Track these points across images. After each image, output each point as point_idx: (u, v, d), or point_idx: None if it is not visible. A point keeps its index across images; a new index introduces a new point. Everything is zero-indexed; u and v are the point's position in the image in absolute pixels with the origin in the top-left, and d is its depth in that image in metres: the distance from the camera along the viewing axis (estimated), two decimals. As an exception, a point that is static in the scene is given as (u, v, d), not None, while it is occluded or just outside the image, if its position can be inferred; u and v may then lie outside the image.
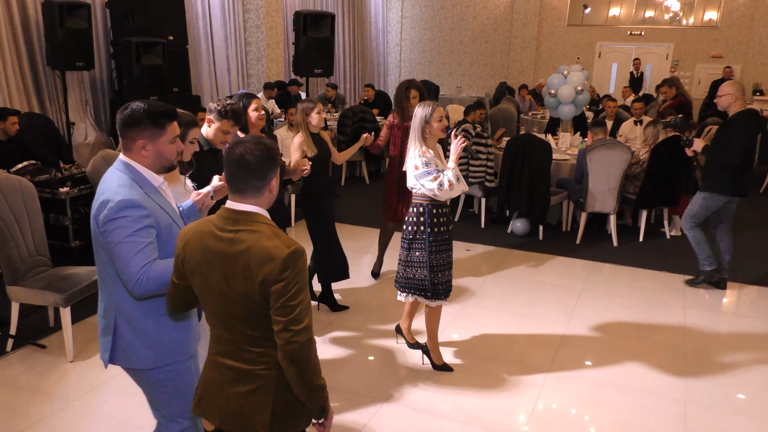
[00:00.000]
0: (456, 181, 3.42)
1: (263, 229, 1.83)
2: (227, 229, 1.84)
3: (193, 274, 1.91)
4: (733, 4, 12.90)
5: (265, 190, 1.87)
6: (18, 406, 3.39)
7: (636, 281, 5.35)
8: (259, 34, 10.13)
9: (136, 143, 2.13)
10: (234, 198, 1.87)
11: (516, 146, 6.32)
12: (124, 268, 2.03)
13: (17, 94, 6.80)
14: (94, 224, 2.10)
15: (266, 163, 1.84)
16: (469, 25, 15.30)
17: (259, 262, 1.76)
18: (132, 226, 2.03)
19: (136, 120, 2.11)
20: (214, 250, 1.85)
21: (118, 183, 2.09)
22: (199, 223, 1.95)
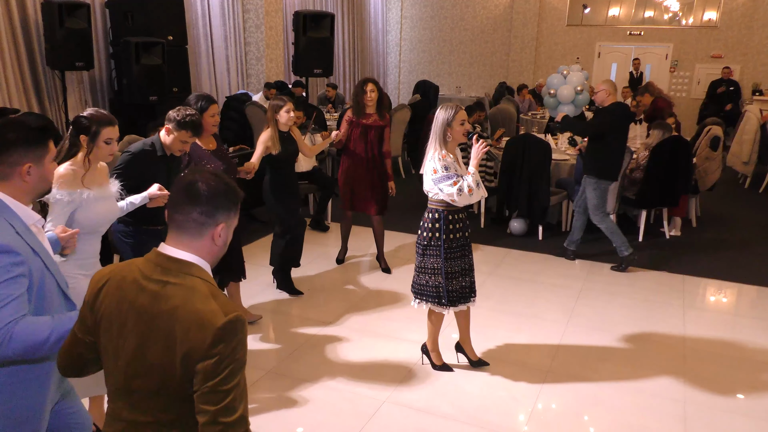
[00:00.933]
0: (476, 186, 3.36)
1: (199, 285, 1.48)
2: (154, 279, 1.49)
3: (101, 329, 1.55)
4: (733, 5, 12.90)
5: (208, 232, 1.52)
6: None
7: (635, 281, 5.35)
8: (259, 34, 10.13)
9: (21, 168, 1.80)
10: (170, 240, 1.54)
11: (515, 146, 6.32)
12: None
13: (17, 94, 6.80)
14: None
15: (219, 200, 1.51)
16: (469, 25, 15.31)
17: (186, 328, 1.42)
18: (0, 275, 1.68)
19: (15, 140, 1.79)
20: (132, 303, 1.50)
21: None
22: (123, 265, 1.59)
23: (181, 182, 1.54)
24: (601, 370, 3.88)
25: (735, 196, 8.58)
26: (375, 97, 5.00)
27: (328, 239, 6.37)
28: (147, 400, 1.49)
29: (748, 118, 9.01)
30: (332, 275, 5.39)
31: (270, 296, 4.83)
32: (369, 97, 4.98)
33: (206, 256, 1.54)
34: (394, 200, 7.69)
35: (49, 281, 1.84)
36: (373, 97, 4.99)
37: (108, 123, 2.67)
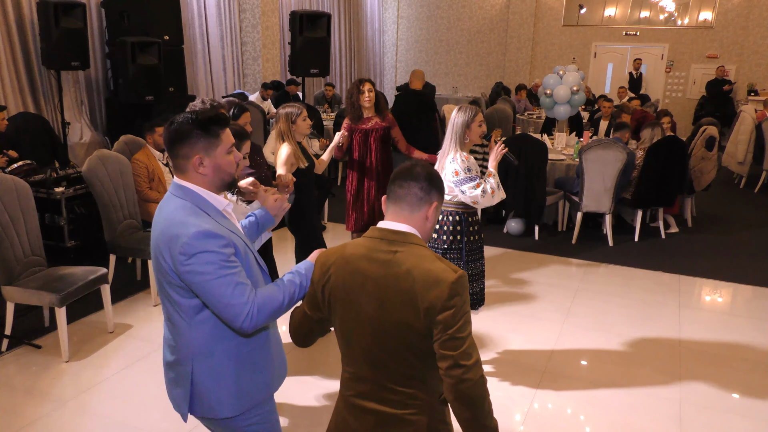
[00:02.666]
0: (497, 187, 3.35)
1: (423, 251, 1.64)
2: (383, 249, 1.65)
3: (337, 302, 1.70)
4: (728, 5, 12.94)
5: (424, 207, 1.70)
6: (13, 407, 3.37)
7: (631, 281, 5.36)
8: (255, 34, 10.12)
9: (192, 161, 1.83)
10: (390, 215, 1.71)
11: (512, 146, 6.32)
12: (226, 306, 1.75)
13: (12, 94, 6.78)
14: (167, 264, 1.80)
15: (435, 181, 1.70)
16: (465, 26, 15.32)
17: (425, 285, 1.56)
18: (219, 258, 1.75)
19: (186, 132, 1.82)
20: (367, 273, 1.64)
21: (183, 212, 1.81)
22: (342, 246, 1.75)
23: (401, 167, 1.74)
24: (597, 369, 3.89)
25: (730, 196, 8.61)
26: (373, 97, 4.63)
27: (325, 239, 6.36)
28: (389, 357, 1.63)
29: (743, 118, 9.04)
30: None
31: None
32: (367, 98, 4.61)
33: (420, 231, 1.70)
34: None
35: (251, 258, 1.95)
36: (371, 98, 4.62)
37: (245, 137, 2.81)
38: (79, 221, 5.13)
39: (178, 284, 1.81)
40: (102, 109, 8.03)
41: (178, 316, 1.88)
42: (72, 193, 5.07)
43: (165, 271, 1.81)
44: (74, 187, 5.12)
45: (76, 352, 3.95)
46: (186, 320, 1.87)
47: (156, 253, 1.84)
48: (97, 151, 4.92)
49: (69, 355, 3.86)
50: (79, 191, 5.11)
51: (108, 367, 3.80)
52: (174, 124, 1.83)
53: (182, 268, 1.75)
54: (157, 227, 1.85)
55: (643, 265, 5.69)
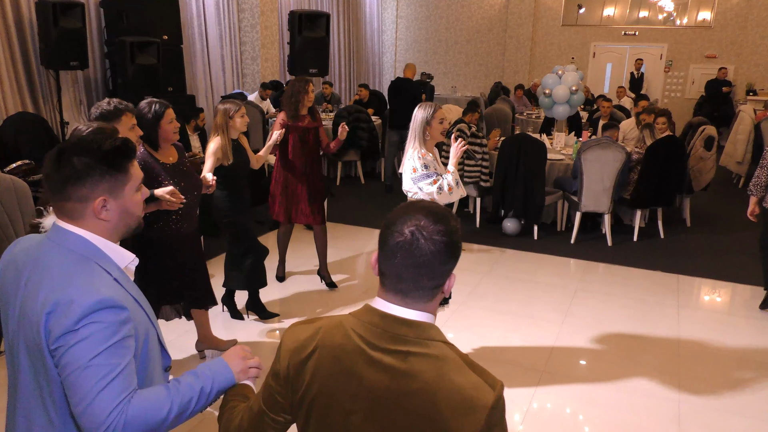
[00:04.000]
0: (455, 185, 3.36)
1: (447, 353, 1.20)
2: (388, 348, 1.20)
3: (314, 410, 1.26)
4: (727, 5, 12.95)
5: (439, 291, 1.25)
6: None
7: (630, 281, 5.37)
8: (254, 34, 10.12)
9: (92, 204, 1.43)
10: (388, 297, 1.24)
11: (511, 146, 6.33)
12: (87, 407, 1.28)
13: (11, 94, 6.77)
14: (38, 333, 1.35)
15: (448, 255, 1.21)
16: (464, 25, 15.32)
17: (453, 410, 1.14)
18: (104, 339, 1.31)
19: (85, 170, 1.41)
20: (363, 380, 1.21)
21: (75, 269, 1.39)
22: (327, 328, 1.28)
23: (394, 239, 1.21)
24: (596, 369, 3.89)
25: (729, 195, 8.61)
26: (312, 98, 4.66)
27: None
28: None
29: (741, 118, 9.05)
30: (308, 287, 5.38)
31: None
32: (310, 98, 4.60)
33: (435, 311, 1.27)
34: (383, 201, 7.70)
35: (153, 336, 1.52)
36: (311, 98, 4.63)
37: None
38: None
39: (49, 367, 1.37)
40: (101, 109, 8.02)
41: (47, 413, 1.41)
42: (71, 192, 5.06)
43: (37, 342, 1.36)
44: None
45: (75, 352, 3.94)
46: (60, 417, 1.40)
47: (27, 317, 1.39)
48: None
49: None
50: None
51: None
52: (63, 158, 1.40)
53: (54, 344, 1.32)
54: (32, 283, 1.40)
55: (642, 265, 5.70)
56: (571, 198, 6.39)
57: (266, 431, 1.37)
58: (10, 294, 1.46)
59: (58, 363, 1.32)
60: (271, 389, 1.34)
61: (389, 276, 1.23)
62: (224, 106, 3.89)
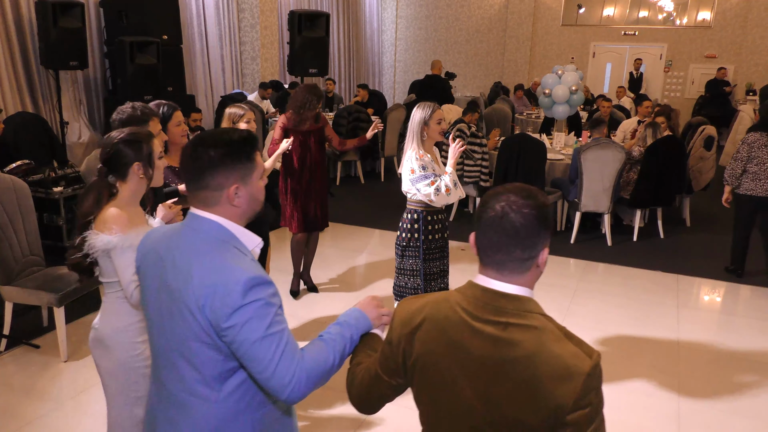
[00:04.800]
0: (453, 186, 3.34)
1: (546, 324, 1.29)
2: (489, 319, 1.31)
3: (426, 379, 1.39)
4: (727, 5, 12.95)
5: (533, 264, 1.33)
6: (11, 407, 3.37)
7: (630, 280, 5.37)
8: (254, 34, 10.12)
9: (227, 191, 1.53)
10: (488, 272, 1.35)
11: (510, 146, 6.33)
12: (272, 372, 1.44)
13: (10, 94, 6.77)
14: (201, 319, 1.46)
15: (537, 227, 1.30)
16: (464, 25, 15.32)
17: (552, 377, 1.23)
18: (267, 312, 1.45)
19: (221, 158, 1.52)
20: (470, 349, 1.31)
21: (220, 254, 1.50)
22: (434, 302, 1.41)
23: (486, 214, 1.32)
24: (595, 369, 3.89)
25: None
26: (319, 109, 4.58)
27: (324, 238, 6.37)
28: None
29: (741, 118, 9.06)
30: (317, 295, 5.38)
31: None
32: (315, 113, 4.53)
33: (532, 286, 1.35)
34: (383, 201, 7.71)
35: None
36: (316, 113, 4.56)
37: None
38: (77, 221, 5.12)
39: (214, 345, 1.48)
40: (100, 109, 8.02)
41: (198, 388, 1.53)
42: (70, 192, 5.07)
43: (194, 329, 1.48)
44: (73, 186, 5.12)
45: (74, 351, 3.94)
46: (210, 391, 1.53)
47: (179, 307, 1.50)
48: (96, 151, 4.93)
49: (67, 355, 3.85)
50: (77, 191, 5.10)
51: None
52: (199, 151, 1.52)
53: (225, 323, 1.43)
54: (180, 274, 1.50)
55: (642, 265, 5.70)
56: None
57: (384, 392, 1.52)
58: (152, 281, 1.59)
59: (234, 340, 1.44)
60: (385, 356, 1.48)
61: (485, 249, 1.34)
62: (229, 111, 3.75)
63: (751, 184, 5.15)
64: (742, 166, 5.16)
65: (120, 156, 2.17)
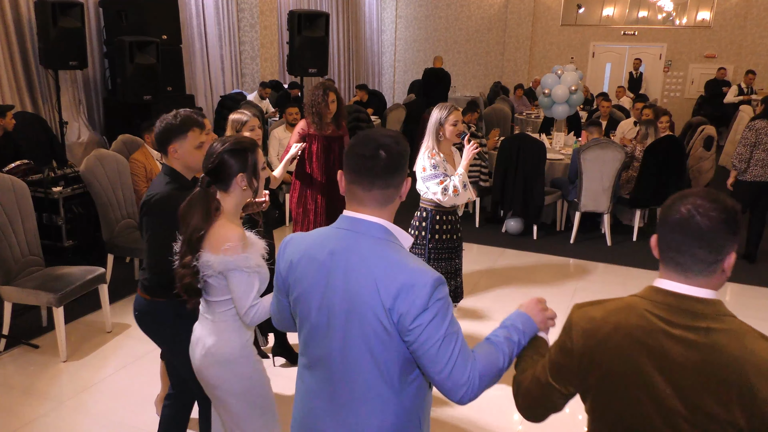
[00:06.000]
0: (462, 188, 3.34)
1: (741, 325, 1.30)
2: (688, 325, 1.29)
3: (616, 386, 1.37)
4: (726, 4, 12.95)
5: (719, 267, 1.32)
6: (11, 407, 3.37)
7: (630, 280, 5.37)
8: (254, 34, 10.11)
9: (401, 191, 1.59)
10: (672, 276, 1.34)
11: (510, 146, 6.33)
12: (449, 373, 1.46)
13: (10, 94, 6.77)
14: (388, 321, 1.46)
15: (724, 231, 1.30)
16: (464, 25, 15.32)
17: (760, 376, 1.23)
18: (448, 311, 1.48)
19: (402, 157, 1.55)
20: (672, 357, 1.29)
21: (397, 254, 1.51)
22: (611, 307, 1.41)
23: (671, 215, 1.34)
24: (595, 369, 3.89)
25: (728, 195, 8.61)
26: (335, 108, 4.33)
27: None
28: None
29: (741, 118, 9.06)
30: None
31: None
32: (331, 108, 4.30)
33: (717, 288, 1.35)
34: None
35: None
36: (333, 109, 4.31)
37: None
38: (76, 221, 5.12)
39: (396, 345, 1.49)
40: (100, 109, 8.02)
41: (381, 388, 1.52)
42: (70, 192, 5.06)
43: (377, 331, 1.48)
44: (72, 186, 5.11)
45: (73, 351, 3.94)
46: (392, 391, 1.53)
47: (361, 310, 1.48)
48: (95, 151, 4.92)
49: (67, 355, 3.85)
50: (77, 191, 5.10)
51: (106, 367, 3.80)
52: (393, 147, 1.53)
53: (412, 324, 1.44)
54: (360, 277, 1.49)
55: (642, 265, 5.70)
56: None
57: (554, 400, 1.52)
58: (314, 286, 1.56)
59: (416, 340, 1.45)
60: (559, 365, 1.47)
61: (668, 251, 1.33)
62: (233, 117, 3.48)
63: (759, 170, 5.38)
64: (750, 151, 5.34)
65: (225, 166, 2.07)
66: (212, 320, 2.14)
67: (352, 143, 1.57)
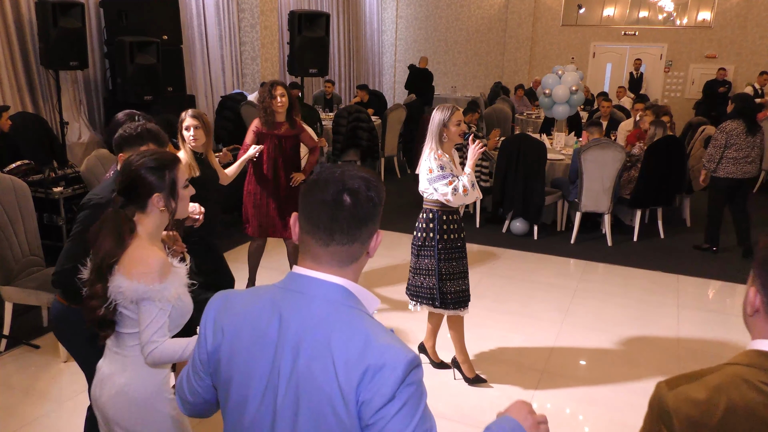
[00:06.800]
0: (470, 187, 3.35)
1: None
2: None
3: None
4: (727, 5, 12.95)
5: None
6: (11, 407, 3.37)
7: (630, 280, 5.36)
8: (254, 34, 10.11)
9: (370, 247, 1.29)
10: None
11: (510, 146, 6.33)
12: None
13: (10, 94, 6.77)
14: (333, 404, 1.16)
15: None
16: (464, 25, 15.31)
17: None
18: (419, 402, 1.18)
19: (376, 205, 1.27)
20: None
21: (359, 325, 1.20)
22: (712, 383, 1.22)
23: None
24: (596, 369, 3.89)
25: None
26: (286, 102, 4.30)
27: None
28: None
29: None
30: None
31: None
32: (279, 103, 4.27)
33: None
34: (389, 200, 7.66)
35: None
36: (284, 102, 4.29)
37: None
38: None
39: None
40: (100, 109, 8.02)
41: None
42: (70, 192, 5.06)
43: (332, 426, 1.17)
44: (73, 186, 5.11)
45: (74, 352, 3.94)
46: None
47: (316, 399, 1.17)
48: (96, 151, 4.92)
49: (67, 356, 3.85)
50: (77, 191, 5.10)
51: (106, 367, 3.79)
52: (361, 192, 1.23)
53: (373, 417, 1.14)
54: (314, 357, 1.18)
55: (642, 265, 5.69)
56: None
57: None
58: (254, 367, 1.24)
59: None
60: None
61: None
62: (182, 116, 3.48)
63: (732, 167, 5.69)
64: (720, 153, 5.66)
65: (139, 184, 1.88)
66: (124, 355, 1.91)
67: (310, 182, 1.25)
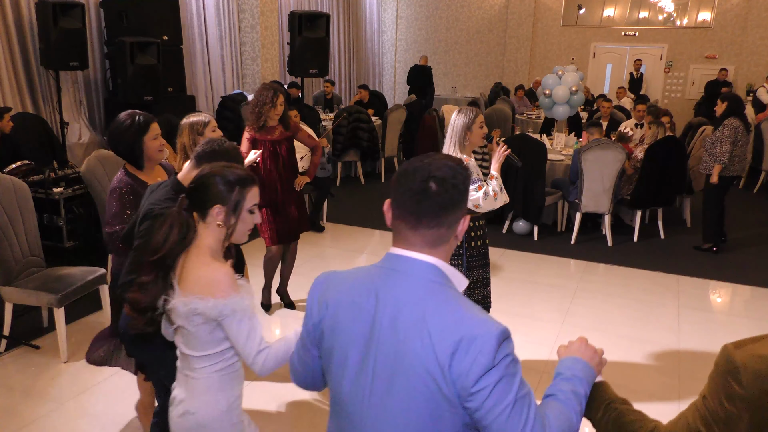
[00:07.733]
0: (500, 190, 3.29)
1: None
2: None
3: None
4: (727, 5, 12.95)
5: None
6: (11, 407, 3.37)
7: (630, 281, 5.36)
8: (254, 34, 10.11)
9: (457, 229, 1.34)
10: None
11: (511, 147, 6.29)
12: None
13: (11, 94, 6.77)
14: (431, 376, 1.22)
15: None
16: (464, 26, 15.32)
17: None
18: (516, 370, 1.27)
19: (463, 192, 1.32)
20: None
21: (455, 303, 1.28)
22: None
23: None
24: (596, 370, 3.89)
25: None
26: (282, 111, 4.19)
27: (324, 239, 6.37)
28: None
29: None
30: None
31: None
32: (278, 111, 4.17)
33: None
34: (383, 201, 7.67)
35: None
36: (280, 111, 4.18)
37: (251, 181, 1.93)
38: (77, 221, 5.12)
39: (456, 413, 1.24)
40: (101, 110, 8.02)
41: None
42: (71, 193, 5.06)
43: (433, 394, 1.23)
44: (73, 187, 5.11)
45: (74, 352, 3.94)
46: None
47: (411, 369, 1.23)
48: (96, 152, 4.92)
49: (67, 356, 3.85)
50: (77, 191, 5.10)
51: (106, 368, 3.79)
52: (448, 179, 1.28)
53: (475, 386, 1.20)
54: (410, 328, 1.24)
55: (642, 266, 5.69)
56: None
57: None
58: (354, 337, 1.32)
59: (481, 406, 1.21)
60: (728, 415, 1.28)
61: None
62: (190, 121, 3.13)
63: (736, 165, 5.75)
64: (732, 147, 5.64)
65: (205, 189, 1.85)
66: (193, 378, 1.90)
67: (399, 171, 1.35)
